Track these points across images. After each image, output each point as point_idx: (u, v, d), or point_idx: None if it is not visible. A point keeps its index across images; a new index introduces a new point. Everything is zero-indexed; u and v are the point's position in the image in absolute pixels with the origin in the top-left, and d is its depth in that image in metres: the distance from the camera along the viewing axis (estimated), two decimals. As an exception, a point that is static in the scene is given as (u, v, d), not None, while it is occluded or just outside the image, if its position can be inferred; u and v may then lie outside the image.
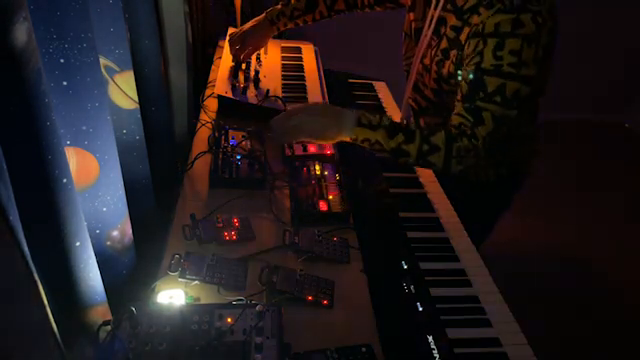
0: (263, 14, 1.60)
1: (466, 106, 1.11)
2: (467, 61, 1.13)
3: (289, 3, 1.58)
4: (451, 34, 1.20)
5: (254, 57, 1.71)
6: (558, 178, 3.20)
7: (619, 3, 3.32)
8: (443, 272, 1.07)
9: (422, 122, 1.40)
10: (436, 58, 1.25)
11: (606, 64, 3.55)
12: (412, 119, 1.45)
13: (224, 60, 1.65)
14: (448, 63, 1.21)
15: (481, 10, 1.11)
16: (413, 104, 1.44)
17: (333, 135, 1.16)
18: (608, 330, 2.20)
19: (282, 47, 1.95)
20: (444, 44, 1.23)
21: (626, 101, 3.83)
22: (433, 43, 1.28)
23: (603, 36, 3.40)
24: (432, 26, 1.26)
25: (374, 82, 1.91)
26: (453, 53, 1.20)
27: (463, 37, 1.17)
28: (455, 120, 1.13)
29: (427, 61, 1.29)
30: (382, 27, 2.67)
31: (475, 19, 1.13)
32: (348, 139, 1.15)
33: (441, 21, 1.24)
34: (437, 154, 1.10)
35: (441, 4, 1.23)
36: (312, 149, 1.35)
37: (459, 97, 1.14)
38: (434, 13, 1.25)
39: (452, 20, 1.20)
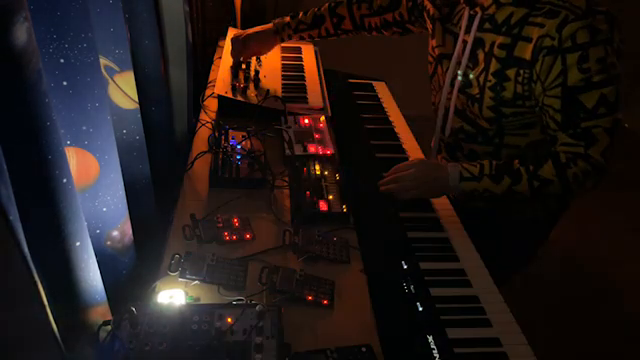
0: (271, 23, 1.60)
1: (570, 132, 1.05)
2: (546, 84, 1.04)
3: (297, 16, 1.56)
4: (501, 53, 1.10)
5: (254, 57, 1.71)
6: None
7: (619, 3, 3.31)
8: (443, 272, 1.07)
9: (466, 149, 1.31)
10: (488, 84, 1.14)
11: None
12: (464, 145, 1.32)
13: (224, 60, 1.65)
14: (511, 85, 1.10)
15: (540, 20, 1.03)
16: (446, 135, 1.33)
17: (441, 194, 1.23)
18: (608, 330, 2.20)
19: (282, 47, 1.95)
20: (494, 67, 1.12)
21: (626, 101, 3.82)
22: (469, 70, 1.18)
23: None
24: (467, 52, 1.17)
25: (374, 82, 1.91)
26: (512, 72, 1.09)
27: (524, 53, 1.06)
28: (564, 148, 1.07)
29: (475, 91, 1.17)
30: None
31: (534, 31, 1.04)
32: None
33: (478, 43, 1.15)
34: (551, 186, 1.07)
35: (475, 26, 1.14)
36: (312, 149, 1.35)
37: (554, 127, 1.07)
38: (466, 37, 1.16)
39: (497, 39, 1.10)
